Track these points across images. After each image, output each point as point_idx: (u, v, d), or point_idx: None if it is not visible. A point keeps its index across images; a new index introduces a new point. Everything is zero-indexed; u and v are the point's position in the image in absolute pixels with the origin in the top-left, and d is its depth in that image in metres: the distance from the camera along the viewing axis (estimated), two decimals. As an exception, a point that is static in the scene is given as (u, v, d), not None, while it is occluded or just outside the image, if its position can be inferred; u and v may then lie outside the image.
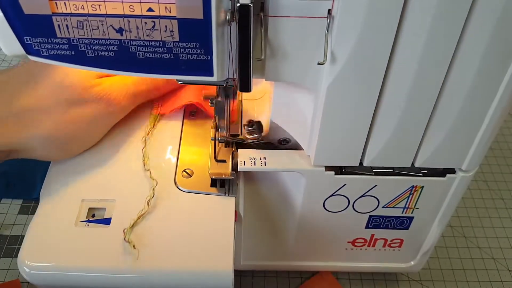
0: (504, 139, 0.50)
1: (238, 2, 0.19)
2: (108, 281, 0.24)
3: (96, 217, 0.26)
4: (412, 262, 0.34)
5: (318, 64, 0.21)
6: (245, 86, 0.22)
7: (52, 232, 0.26)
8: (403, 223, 0.31)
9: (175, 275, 0.24)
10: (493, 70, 0.22)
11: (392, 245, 0.33)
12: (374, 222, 0.31)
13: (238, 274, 0.38)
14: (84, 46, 0.22)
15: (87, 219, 0.26)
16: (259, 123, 0.29)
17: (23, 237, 0.37)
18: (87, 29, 0.21)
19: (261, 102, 0.32)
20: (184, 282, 0.25)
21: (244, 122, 0.29)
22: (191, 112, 0.33)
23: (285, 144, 0.30)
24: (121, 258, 0.25)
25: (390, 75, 0.22)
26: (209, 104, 0.28)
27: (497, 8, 0.20)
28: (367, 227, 0.31)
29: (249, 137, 0.28)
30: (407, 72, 0.22)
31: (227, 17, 0.20)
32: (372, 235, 0.32)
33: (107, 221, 0.26)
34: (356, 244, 0.33)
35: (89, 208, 0.27)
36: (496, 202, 0.45)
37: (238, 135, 0.30)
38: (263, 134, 0.29)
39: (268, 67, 0.22)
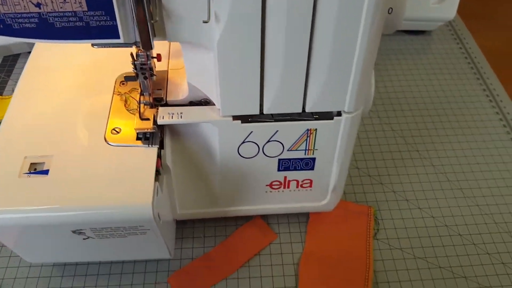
0: (422, 100, 0.57)
1: (130, -26, 0.24)
2: (47, 219, 0.29)
3: (37, 169, 0.31)
4: (325, 201, 0.40)
5: (204, 22, 0.26)
6: (147, 45, 0.27)
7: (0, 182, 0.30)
8: (308, 164, 0.37)
9: (103, 209, 0.29)
10: (349, 19, 0.27)
11: (304, 186, 0.39)
12: (284, 165, 0.36)
13: (180, 225, 0.43)
14: (10, 20, 0.26)
15: (29, 171, 0.31)
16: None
17: None
18: (10, 5, 0.26)
19: (183, 71, 0.37)
20: (112, 215, 0.29)
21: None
22: (121, 83, 0.37)
23: (206, 104, 0.35)
24: (56, 199, 0.29)
25: (266, 29, 0.27)
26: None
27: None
28: (279, 170, 0.37)
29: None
30: (279, 24, 0.27)
31: (122, -13, 0.24)
32: (285, 178, 0.38)
33: (45, 172, 0.31)
34: (273, 186, 0.38)
35: (31, 163, 0.31)
36: (411, 154, 0.51)
37: (162, 99, 0.35)
38: (185, 96, 0.34)
39: (167, 29, 0.27)
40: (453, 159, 0.50)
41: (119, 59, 0.38)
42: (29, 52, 0.56)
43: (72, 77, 0.37)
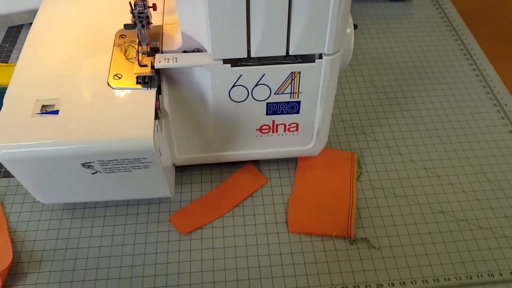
0: (403, 60, 0.60)
1: None
2: (58, 152, 0.33)
3: (48, 110, 0.34)
4: (310, 145, 0.44)
5: (193, -33, 0.29)
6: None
7: (14, 122, 0.33)
8: (294, 107, 0.40)
9: (109, 141, 0.33)
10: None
11: (291, 129, 0.42)
12: (272, 108, 0.40)
13: (179, 171, 0.47)
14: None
15: (40, 112, 0.34)
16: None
17: None
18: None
19: (177, 25, 0.40)
20: (117, 147, 0.33)
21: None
22: (121, 36, 0.41)
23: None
24: (67, 134, 0.33)
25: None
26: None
27: None
28: (267, 113, 0.40)
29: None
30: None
31: None
32: (273, 121, 0.41)
33: (56, 112, 0.34)
34: (263, 131, 0.42)
35: (42, 106, 0.35)
36: (393, 107, 0.55)
37: (158, 48, 0.38)
38: (179, 46, 0.38)
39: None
40: (432, 111, 0.54)
41: (117, 18, 0.41)
42: (31, 23, 0.60)
43: (75, 35, 0.40)
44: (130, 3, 0.34)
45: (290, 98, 0.39)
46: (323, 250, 0.42)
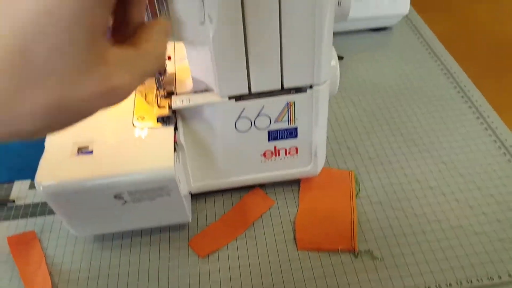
0: (388, 84, 0.66)
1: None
2: (94, 185, 0.38)
3: (84, 151, 0.40)
4: (310, 166, 0.49)
5: (200, 24, 0.36)
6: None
7: (55, 163, 0.39)
8: (292, 133, 0.46)
9: (137, 173, 0.38)
10: (307, 15, 0.37)
11: (291, 153, 0.48)
12: (273, 135, 0.46)
13: (194, 198, 0.52)
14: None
15: (77, 153, 0.40)
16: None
17: (34, 204, 0.51)
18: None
19: (188, 69, 0.47)
20: (143, 178, 0.38)
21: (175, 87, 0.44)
22: (139, 84, 0.47)
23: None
24: (101, 169, 0.38)
25: (246, 26, 0.37)
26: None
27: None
28: (269, 140, 0.46)
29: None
30: (256, 23, 0.37)
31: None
32: (275, 147, 0.47)
33: (90, 152, 0.40)
34: (266, 156, 0.47)
35: (78, 147, 0.40)
36: (382, 127, 0.60)
37: (173, 92, 0.44)
38: (190, 88, 0.44)
39: (174, 31, 0.37)
40: (419, 128, 0.60)
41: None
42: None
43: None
44: (147, 57, 0.41)
45: (288, 124, 0.45)
46: (330, 264, 0.46)
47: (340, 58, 0.70)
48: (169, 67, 0.45)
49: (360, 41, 0.74)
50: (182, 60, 0.47)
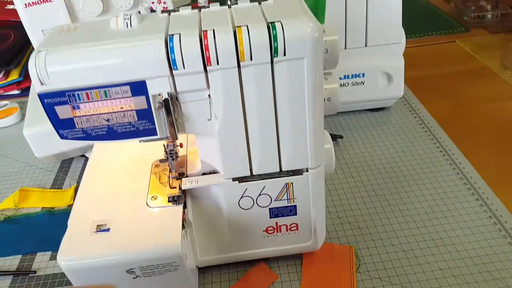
0: (387, 161, 0.71)
1: (163, 97, 0.41)
2: (110, 262, 0.42)
3: (102, 228, 0.45)
4: (310, 241, 0.52)
5: (208, 120, 0.42)
6: (174, 138, 0.43)
7: (77, 240, 0.44)
8: (291, 210, 0.50)
9: (148, 250, 0.42)
10: (299, 111, 0.43)
11: (292, 229, 0.51)
12: (274, 212, 0.50)
13: (201, 272, 0.55)
14: (90, 130, 0.43)
15: (96, 230, 0.45)
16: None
17: (54, 274, 0.55)
18: (91, 122, 0.43)
19: (197, 153, 0.53)
20: (154, 254, 0.42)
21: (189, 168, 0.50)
22: (156, 166, 0.53)
23: (214, 173, 0.50)
24: (116, 247, 0.43)
25: (247, 121, 0.43)
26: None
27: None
28: (271, 217, 0.50)
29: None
30: (255, 119, 0.43)
31: (158, 105, 0.41)
32: (276, 223, 0.50)
33: (107, 230, 0.45)
34: (269, 231, 0.51)
35: (97, 225, 0.45)
36: (382, 203, 0.64)
37: (184, 173, 0.50)
38: (199, 170, 0.49)
39: (186, 126, 0.44)
40: (417, 204, 0.63)
41: (153, 153, 0.54)
42: (81, 155, 0.74)
43: (122, 166, 0.53)
44: (163, 144, 0.47)
45: (288, 203, 0.49)
46: (333, 339, 0.47)
47: (340, 136, 0.75)
48: (181, 152, 0.51)
49: (359, 120, 0.80)
50: (193, 145, 0.53)
